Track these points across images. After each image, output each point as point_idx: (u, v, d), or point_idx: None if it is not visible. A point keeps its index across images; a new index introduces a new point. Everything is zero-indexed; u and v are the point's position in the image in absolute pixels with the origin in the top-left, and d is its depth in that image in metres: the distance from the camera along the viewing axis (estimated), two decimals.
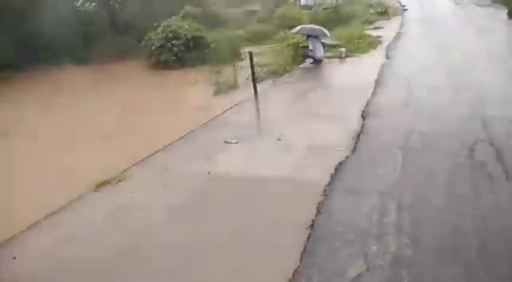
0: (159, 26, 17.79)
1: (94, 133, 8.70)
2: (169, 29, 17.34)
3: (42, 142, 8.59)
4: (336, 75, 11.03)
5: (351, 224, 4.00)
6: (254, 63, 10.51)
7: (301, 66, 12.52)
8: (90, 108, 11.39)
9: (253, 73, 10.12)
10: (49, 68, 19.49)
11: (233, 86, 12.76)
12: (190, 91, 13.12)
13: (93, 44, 20.60)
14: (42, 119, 10.64)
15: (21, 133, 9.49)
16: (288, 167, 5.53)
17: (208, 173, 5.51)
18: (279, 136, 6.61)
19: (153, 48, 17.07)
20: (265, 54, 16.32)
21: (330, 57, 12.79)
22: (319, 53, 12.28)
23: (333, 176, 5.06)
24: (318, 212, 4.28)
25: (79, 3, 23.03)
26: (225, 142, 6.59)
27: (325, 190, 4.75)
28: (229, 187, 5.11)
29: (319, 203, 4.45)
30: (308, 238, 3.84)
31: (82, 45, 20.49)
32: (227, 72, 14.00)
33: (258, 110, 8.92)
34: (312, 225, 4.05)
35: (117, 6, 22.75)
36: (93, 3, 23.21)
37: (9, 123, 10.56)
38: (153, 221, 4.46)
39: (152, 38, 17.54)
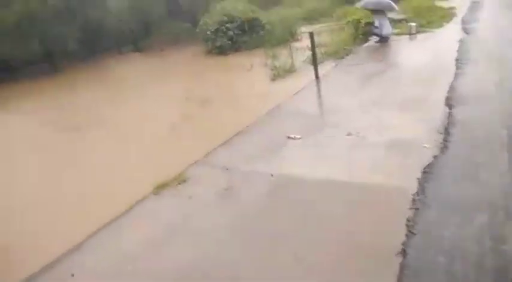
0: (214, 9, 17.21)
1: (156, 125, 8.42)
2: (224, 12, 16.68)
3: (109, 136, 8.47)
4: (407, 55, 9.72)
5: (456, 252, 3.10)
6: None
7: (365, 45, 11.29)
8: (153, 98, 11.20)
9: (314, 55, 9.16)
10: (113, 57, 19.83)
11: (290, 70, 11.94)
12: (247, 77, 12.47)
13: (152, 32, 20.63)
14: (109, 110, 10.61)
15: (91, 126, 9.47)
16: (363, 168, 4.66)
17: (272, 175, 4.81)
18: (349, 130, 5.72)
19: (208, 33, 16.55)
20: (323, 33, 15.16)
21: (397, 34, 11.40)
22: (386, 29, 10.94)
23: (421, 182, 4.13)
24: (410, 231, 3.42)
25: None
26: (288, 137, 5.84)
27: (413, 201, 3.85)
28: (295, 194, 4.37)
29: (408, 219, 3.58)
30: (401, 270, 3.01)
31: (142, 33, 20.62)
32: (283, 54, 13.15)
33: (321, 97, 8.01)
34: (403, 250, 3.21)
35: None
36: None
37: (81, 115, 10.64)
38: (216, 236, 3.86)
39: (207, 22, 17.01)
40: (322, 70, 9.49)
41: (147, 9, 20.90)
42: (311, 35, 9.23)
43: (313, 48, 9.11)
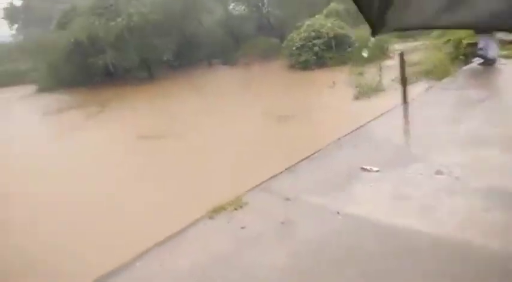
0: (302, 25, 16.89)
1: (230, 141, 8.29)
2: (312, 28, 16.26)
3: (184, 147, 8.60)
4: None
5: None
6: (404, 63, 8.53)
7: (465, 67, 9.85)
8: (233, 111, 11.22)
9: (403, 76, 8.12)
10: (202, 68, 20.60)
11: (377, 89, 11.00)
12: (328, 94, 11.81)
13: (241, 45, 21.03)
14: (192, 120, 10.88)
15: (171, 135, 9.71)
16: (453, 220, 3.72)
17: (338, 213, 4.12)
18: (439, 167, 4.75)
19: (294, 48, 16.26)
20: (417, 51, 13.88)
21: (506, 57, 9.75)
22: (493, 51, 9.39)
23: None
24: None
25: (231, 6, 23.79)
26: (362, 168, 5.05)
27: None
28: (364, 241, 3.62)
29: None
30: None
31: (231, 47, 21.16)
32: (371, 72, 12.22)
33: (408, 123, 7.01)
34: None
35: (264, 8, 22.69)
36: (244, 7, 23.66)
37: (165, 123, 11.03)
38: (261, 278, 3.33)
39: (294, 38, 16.74)
40: (412, 92, 8.44)
41: (238, 25, 21.40)
42: (401, 54, 8.27)
43: (402, 68, 8.12)
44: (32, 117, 14.45)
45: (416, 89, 9.11)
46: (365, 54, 13.57)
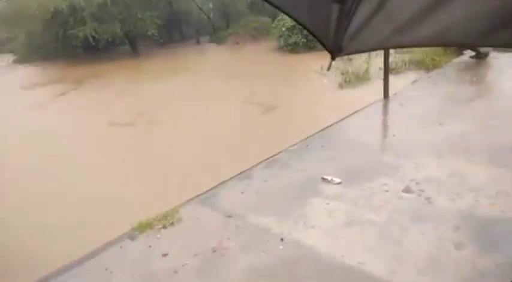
0: None
1: (198, 132, 7.34)
2: None
3: (150, 138, 7.62)
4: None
5: None
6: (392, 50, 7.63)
7: (456, 60, 8.94)
8: (213, 97, 10.12)
9: (386, 69, 7.19)
10: (190, 46, 19.38)
11: (363, 78, 10.12)
12: (313, 81, 10.92)
13: (231, 24, 19.77)
14: (170, 106, 9.72)
15: (143, 123, 8.70)
16: (414, 260, 2.98)
17: (282, 239, 3.37)
18: (409, 183, 3.98)
19: (283, 29, 15.11)
20: None
21: (500, 51, 8.82)
22: None
23: None
24: None
25: None
26: (323, 179, 4.28)
27: None
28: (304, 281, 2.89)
29: None
30: None
31: (221, 25, 19.89)
32: (361, 58, 11.25)
33: (385, 124, 6.18)
34: None
35: None
36: None
37: (141, 108, 9.96)
38: None
39: (284, 17, 15.57)
40: (397, 84, 7.60)
41: (229, 2, 20.07)
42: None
43: (386, 58, 7.21)
44: None
45: (401, 81, 8.25)
46: None
